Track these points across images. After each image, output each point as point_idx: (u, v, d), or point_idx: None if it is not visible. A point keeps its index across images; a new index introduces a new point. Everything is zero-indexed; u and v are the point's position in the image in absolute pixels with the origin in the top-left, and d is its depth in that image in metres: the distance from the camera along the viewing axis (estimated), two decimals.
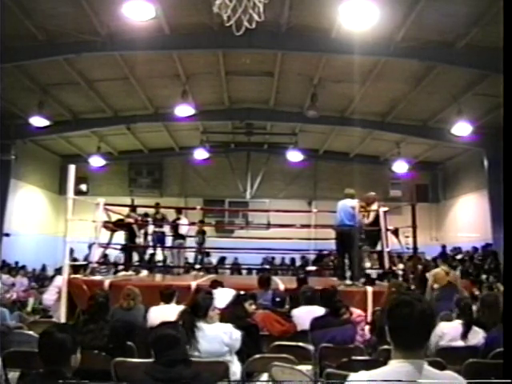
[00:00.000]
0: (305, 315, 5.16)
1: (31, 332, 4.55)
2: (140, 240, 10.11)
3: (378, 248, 8.83)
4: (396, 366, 1.81)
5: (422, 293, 6.77)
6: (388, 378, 1.77)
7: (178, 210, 12.12)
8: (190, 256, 12.95)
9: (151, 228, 11.29)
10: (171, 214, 12.13)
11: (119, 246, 10.22)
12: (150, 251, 11.35)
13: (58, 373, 2.48)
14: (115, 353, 3.80)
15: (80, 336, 3.30)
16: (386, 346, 3.52)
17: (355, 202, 8.11)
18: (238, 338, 4.03)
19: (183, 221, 11.71)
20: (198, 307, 4.09)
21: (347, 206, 8.01)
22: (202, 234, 12.10)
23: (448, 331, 4.39)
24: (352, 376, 1.92)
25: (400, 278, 8.57)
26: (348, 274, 8.07)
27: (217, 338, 3.94)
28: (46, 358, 2.55)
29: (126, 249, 10.00)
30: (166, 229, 11.79)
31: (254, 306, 5.25)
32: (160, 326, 3.02)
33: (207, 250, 13.27)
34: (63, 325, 3.29)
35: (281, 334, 5.07)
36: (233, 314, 4.78)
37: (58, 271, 10.06)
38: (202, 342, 3.84)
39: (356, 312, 5.37)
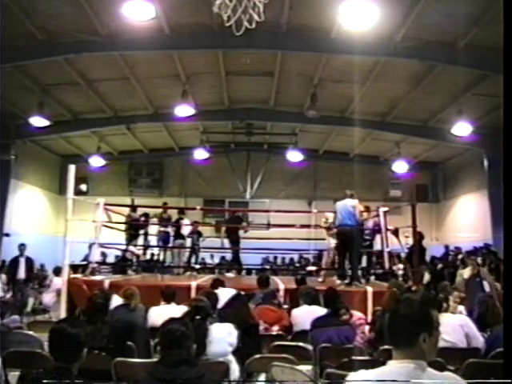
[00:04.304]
0: (305, 315, 5.16)
1: (31, 332, 4.55)
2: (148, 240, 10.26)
3: (379, 248, 8.83)
4: (396, 367, 1.80)
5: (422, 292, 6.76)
6: (388, 377, 1.76)
7: (181, 211, 12.13)
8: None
9: (155, 228, 11.35)
10: (174, 215, 12.13)
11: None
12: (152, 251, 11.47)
13: (65, 371, 2.44)
14: (115, 353, 3.80)
15: None
16: (386, 346, 3.52)
17: (356, 202, 8.12)
18: (237, 336, 4.08)
19: (186, 221, 11.72)
20: (202, 308, 4.09)
21: (348, 206, 8.01)
22: (197, 234, 12.08)
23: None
24: (351, 375, 1.91)
25: (400, 278, 8.57)
26: (348, 273, 8.07)
27: (223, 338, 3.95)
28: (59, 354, 2.50)
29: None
30: (170, 229, 11.82)
31: (253, 306, 5.26)
32: (170, 322, 2.98)
33: (208, 251, 13.23)
34: (73, 319, 3.25)
35: (275, 321, 5.15)
36: (233, 314, 4.77)
37: (55, 272, 10.10)
38: (208, 344, 3.85)
39: (357, 315, 5.36)
